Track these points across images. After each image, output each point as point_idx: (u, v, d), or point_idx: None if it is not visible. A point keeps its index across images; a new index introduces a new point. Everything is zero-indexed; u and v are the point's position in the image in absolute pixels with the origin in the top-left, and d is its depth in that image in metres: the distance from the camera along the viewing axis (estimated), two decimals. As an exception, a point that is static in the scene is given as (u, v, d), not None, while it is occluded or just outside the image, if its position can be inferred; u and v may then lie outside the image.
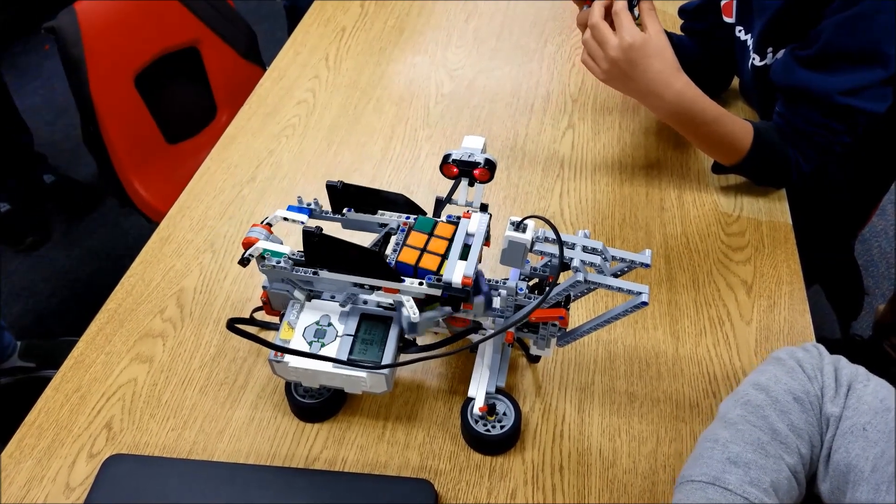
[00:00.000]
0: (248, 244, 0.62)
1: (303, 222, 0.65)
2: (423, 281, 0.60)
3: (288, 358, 0.62)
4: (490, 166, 0.64)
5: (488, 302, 0.61)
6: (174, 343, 0.76)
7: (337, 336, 0.64)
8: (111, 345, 0.76)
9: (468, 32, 1.23)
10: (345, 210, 0.68)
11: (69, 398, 0.71)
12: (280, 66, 1.17)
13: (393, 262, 0.61)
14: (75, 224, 2.01)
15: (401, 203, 0.67)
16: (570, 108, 1.07)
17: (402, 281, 0.60)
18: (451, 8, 1.29)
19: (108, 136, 1.31)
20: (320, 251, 0.61)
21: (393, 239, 0.64)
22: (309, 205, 0.67)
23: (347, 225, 0.69)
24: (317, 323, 0.64)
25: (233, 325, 0.62)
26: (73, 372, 0.73)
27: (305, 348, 0.63)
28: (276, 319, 0.69)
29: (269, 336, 0.70)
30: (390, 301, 0.64)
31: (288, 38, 1.23)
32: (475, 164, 0.64)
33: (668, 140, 1.00)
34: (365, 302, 0.65)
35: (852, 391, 0.52)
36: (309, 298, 0.66)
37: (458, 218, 0.64)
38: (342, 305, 0.64)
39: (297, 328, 0.64)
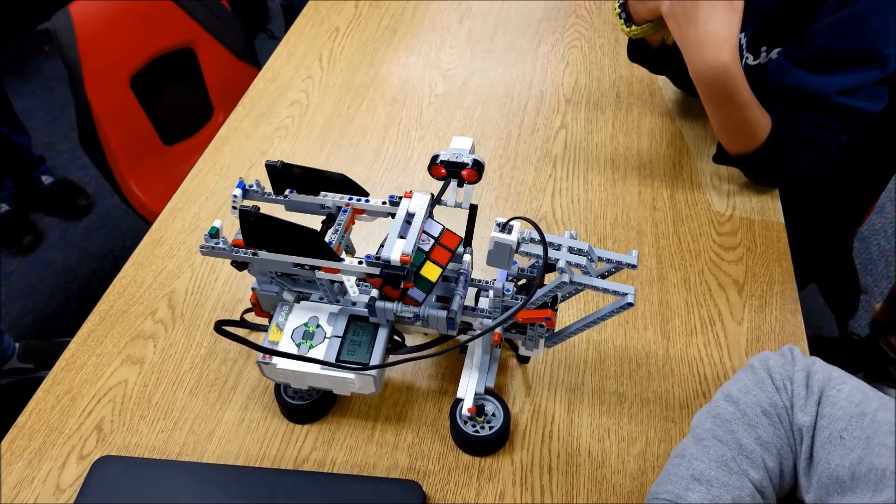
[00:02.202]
0: (237, 245, 0.62)
1: (235, 196, 0.63)
2: (363, 259, 0.59)
3: (276, 360, 0.62)
4: (478, 167, 0.64)
5: (450, 322, 0.62)
6: (165, 345, 0.76)
7: (325, 337, 0.64)
8: (102, 346, 0.76)
9: (462, 33, 1.23)
10: (287, 192, 0.66)
11: (60, 400, 0.71)
12: (273, 66, 1.17)
13: (334, 244, 0.60)
14: (73, 225, 2.01)
15: (341, 183, 0.65)
16: (563, 108, 1.07)
17: (342, 260, 0.59)
18: (445, 8, 1.29)
19: (105, 138, 1.32)
20: (258, 231, 0.60)
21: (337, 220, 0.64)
22: (251, 186, 0.66)
23: (290, 207, 0.67)
24: (305, 324, 0.64)
25: (220, 327, 0.62)
26: (65, 374, 0.74)
27: (294, 350, 0.63)
28: (265, 321, 0.69)
29: (259, 337, 0.70)
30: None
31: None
32: (463, 165, 0.64)
33: (661, 140, 1.00)
34: (354, 303, 0.66)
35: (825, 398, 0.52)
36: (298, 300, 0.66)
37: (400, 198, 0.63)
38: (331, 303, 0.64)
39: (285, 330, 0.64)
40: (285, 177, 0.65)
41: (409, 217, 0.60)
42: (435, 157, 0.64)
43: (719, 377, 0.72)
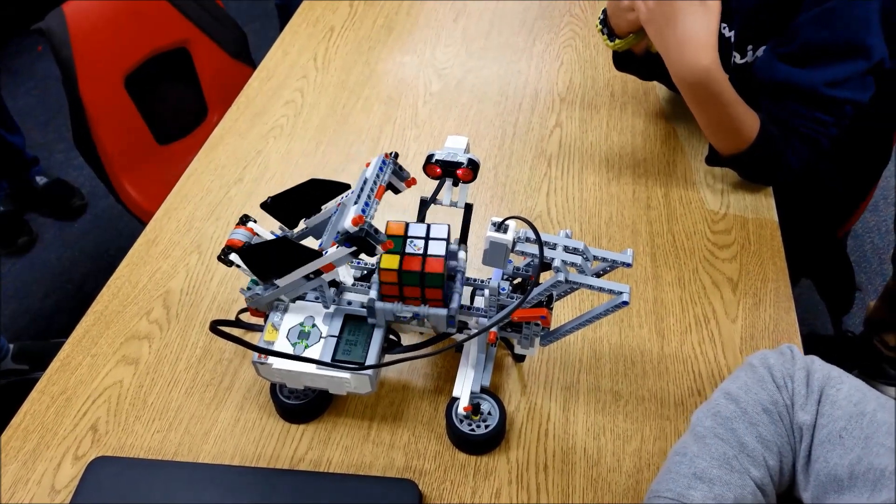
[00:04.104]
0: (231, 246, 0.62)
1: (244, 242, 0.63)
2: (335, 242, 0.57)
3: (272, 359, 0.62)
4: (473, 166, 0.64)
5: (450, 319, 0.62)
6: (160, 345, 0.76)
7: (321, 337, 0.64)
8: (97, 347, 0.76)
9: (457, 31, 1.23)
10: (302, 221, 0.66)
11: (55, 400, 0.71)
12: (268, 66, 1.16)
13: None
14: (68, 226, 2.01)
15: (327, 187, 0.64)
16: (558, 106, 1.07)
17: (325, 253, 0.58)
18: (440, 7, 1.29)
19: (99, 138, 1.31)
20: (254, 262, 0.61)
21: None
22: (274, 234, 0.66)
23: (314, 234, 0.67)
24: (301, 324, 0.64)
25: (215, 326, 0.62)
26: (59, 374, 0.73)
27: (289, 349, 0.63)
28: (261, 321, 0.69)
29: (255, 337, 0.70)
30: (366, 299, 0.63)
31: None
32: (458, 165, 0.64)
33: (655, 139, 1.01)
34: (349, 303, 0.66)
35: (825, 396, 0.52)
36: (294, 300, 0.66)
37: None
38: (326, 307, 0.64)
39: (281, 329, 0.64)
40: (286, 207, 0.64)
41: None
42: (430, 157, 0.64)
43: (714, 375, 0.73)
